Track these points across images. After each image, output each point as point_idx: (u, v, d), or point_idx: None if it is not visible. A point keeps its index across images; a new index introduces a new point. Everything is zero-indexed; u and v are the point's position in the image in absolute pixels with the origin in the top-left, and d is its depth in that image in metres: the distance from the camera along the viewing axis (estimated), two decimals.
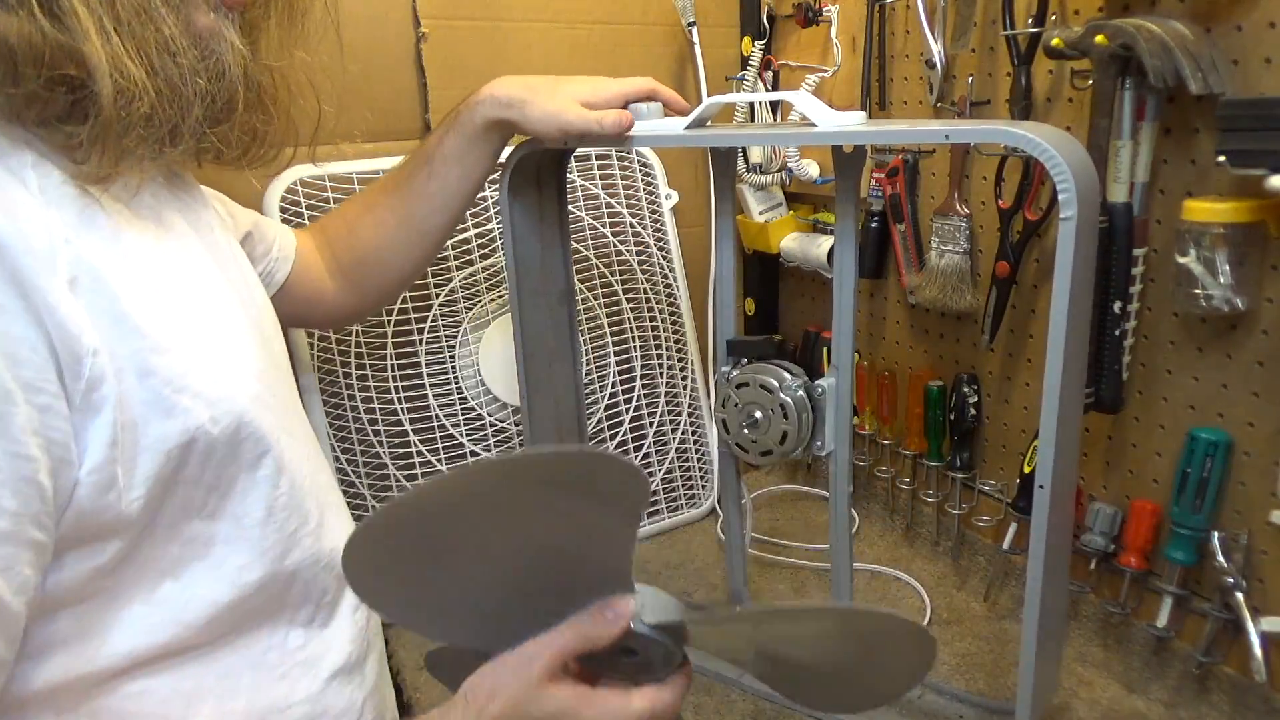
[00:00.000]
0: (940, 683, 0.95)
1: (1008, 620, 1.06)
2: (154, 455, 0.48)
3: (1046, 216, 0.96)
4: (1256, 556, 0.83)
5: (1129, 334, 0.88)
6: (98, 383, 0.44)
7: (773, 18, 1.33)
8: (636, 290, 1.29)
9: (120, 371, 0.46)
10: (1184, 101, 0.81)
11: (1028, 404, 1.06)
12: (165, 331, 0.49)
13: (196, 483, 0.51)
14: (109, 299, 0.46)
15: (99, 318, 0.45)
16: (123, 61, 0.47)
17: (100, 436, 0.45)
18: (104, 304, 0.46)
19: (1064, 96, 0.93)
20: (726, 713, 0.93)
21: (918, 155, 1.13)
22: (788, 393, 0.87)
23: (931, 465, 1.16)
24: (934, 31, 1.03)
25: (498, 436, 1.18)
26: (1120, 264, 0.85)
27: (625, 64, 1.33)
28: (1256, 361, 0.81)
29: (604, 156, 1.27)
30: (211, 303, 0.56)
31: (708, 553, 1.25)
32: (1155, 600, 0.90)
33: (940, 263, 1.08)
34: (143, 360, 0.47)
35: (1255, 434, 0.82)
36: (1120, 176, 0.84)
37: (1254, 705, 0.84)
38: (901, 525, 1.26)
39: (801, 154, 1.28)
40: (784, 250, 1.33)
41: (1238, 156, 0.73)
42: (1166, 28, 0.77)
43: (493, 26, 1.22)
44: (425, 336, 1.14)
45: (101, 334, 0.45)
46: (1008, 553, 1.05)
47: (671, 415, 1.32)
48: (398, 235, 0.87)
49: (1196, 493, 0.84)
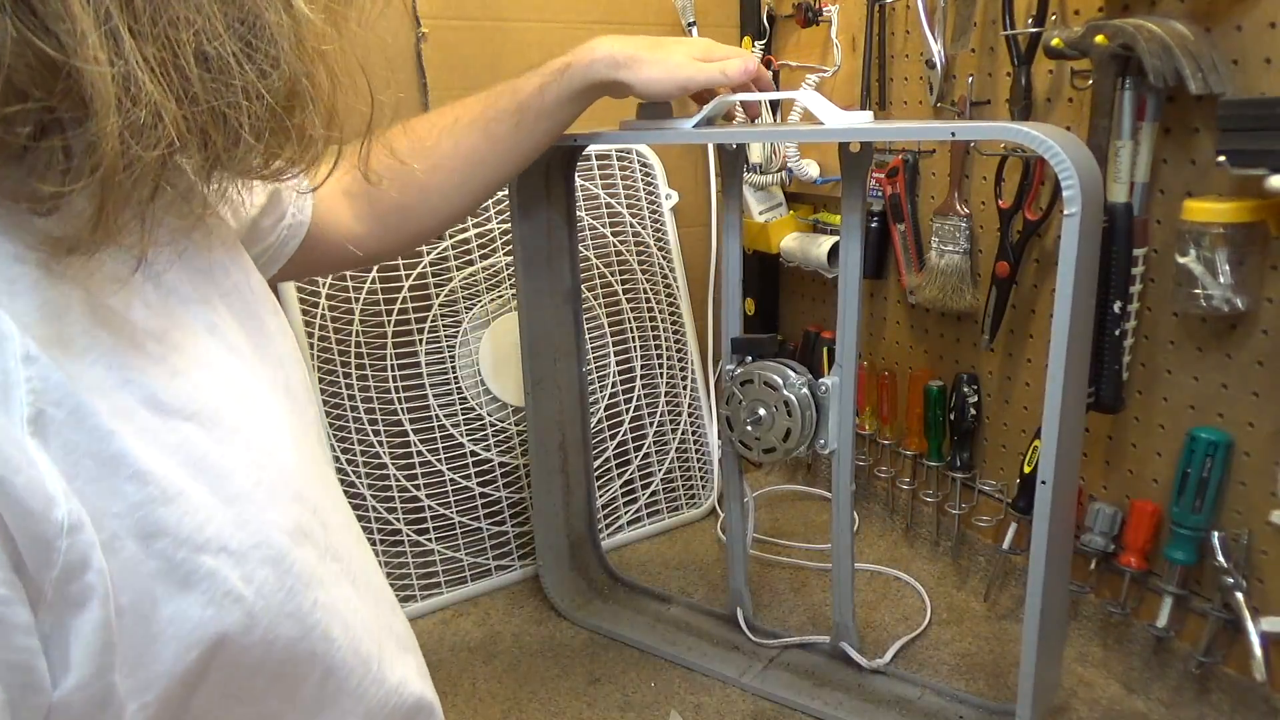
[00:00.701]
0: (940, 683, 0.95)
1: (1008, 620, 1.06)
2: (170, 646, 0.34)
3: (1046, 216, 0.96)
4: (1256, 556, 0.83)
5: (1129, 334, 0.88)
6: (79, 569, 0.30)
7: (773, 18, 1.33)
8: (636, 290, 1.29)
9: (114, 540, 0.32)
10: (1184, 101, 0.81)
11: (1028, 404, 1.06)
12: (176, 467, 0.34)
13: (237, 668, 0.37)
14: (94, 437, 0.32)
15: (78, 467, 0.31)
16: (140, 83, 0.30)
17: (86, 642, 0.31)
18: (86, 445, 0.31)
19: (1064, 96, 0.93)
20: (726, 713, 0.93)
21: (918, 155, 1.13)
22: (791, 390, 0.87)
23: (931, 465, 1.16)
24: (934, 31, 1.03)
25: (498, 436, 1.18)
26: (1120, 264, 0.85)
27: None
28: (1256, 361, 0.81)
29: (604, 157, 1.27)
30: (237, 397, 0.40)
31: (708, 552, 1.25)
32: (1155, 600, 0.90)
33: (940, 263, 1.08)
34: (146, 517, 0.33)
35: (1255, 434, 0.82)
36: (1120, 176, 0.84)
37: (1254, 705, 0.84)
38: (901, 525, 1.26)
39: (802, 154, 1.28)
40: (784, 250, 1.33)
41: (1238, 156, 0.73)
42: (1166, 28, 0.77)
43: (493, 26, 1.22)
44: (425, 336, 1.13)
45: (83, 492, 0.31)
46: (1008, 553, 1.05)
47: (671, 415, 1.32)
48: (456, 179, 0.80)
49: (1196, 493, 0.85)
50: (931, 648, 1.02)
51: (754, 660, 1.01)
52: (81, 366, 0.32)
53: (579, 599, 1.13)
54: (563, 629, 1.09)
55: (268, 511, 0.38)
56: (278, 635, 0.37)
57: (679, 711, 0.93)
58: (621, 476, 1.28)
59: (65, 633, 0.31)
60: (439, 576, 1.14)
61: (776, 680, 0.97)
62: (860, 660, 0.97)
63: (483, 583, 1.16)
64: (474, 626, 1.10)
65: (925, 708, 0.92)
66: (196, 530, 0.35)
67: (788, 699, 0.94)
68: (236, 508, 0.36)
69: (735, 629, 1.05)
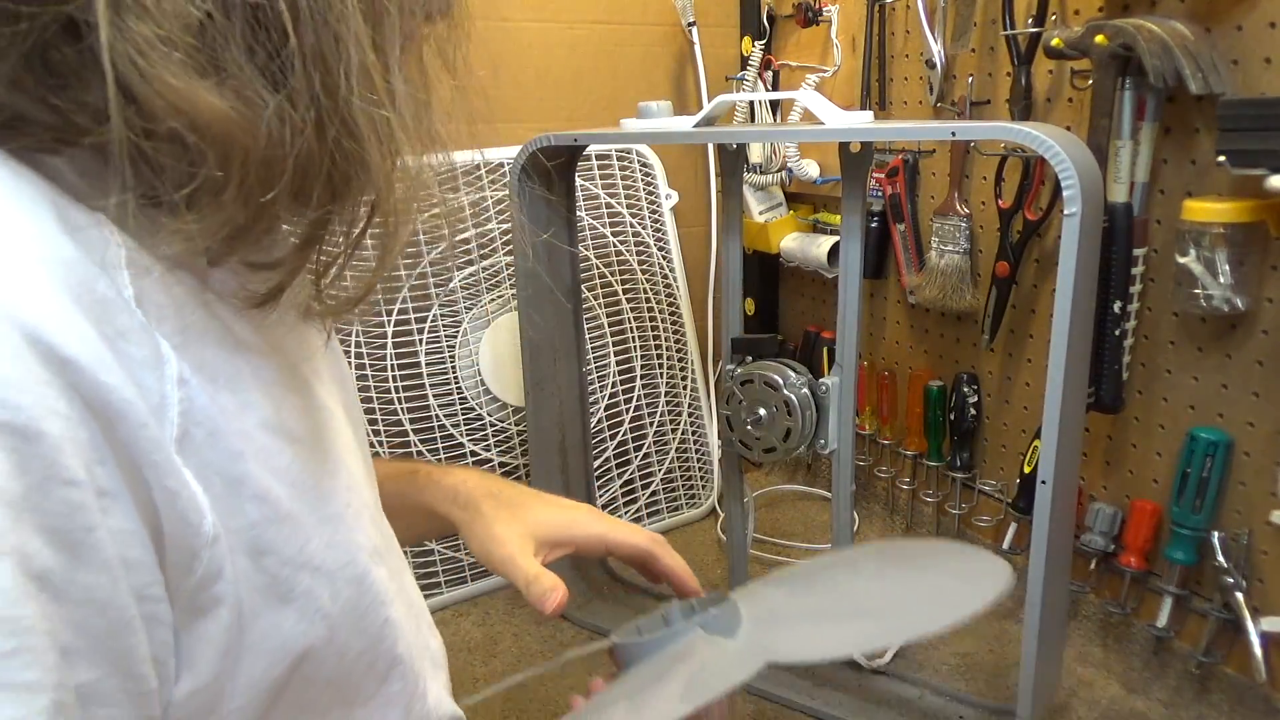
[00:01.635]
0: (940, 683, 0.95)
1: (1008, 620, 1.06)
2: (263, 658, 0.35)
3: (1046, 216, 0.96)
4: (1256, 556, 0.83)
5: (1129, 334, 0.88)
6: (213, 579, 0.32)
7: (773, 18, 1.33)
8: (636, 290, 1.29)
9: (233, 553, 0.33)
10: (1184, 101, 0.81)
11: (1028, 404, 1.06)
12: (286, 488, 0.36)
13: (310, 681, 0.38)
14: (225, 457, 0.33)
15: (209, 484, 0.32)
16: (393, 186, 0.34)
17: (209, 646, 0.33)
18: (217, 464, 0.33)
19: (1064, 96, 0.93)
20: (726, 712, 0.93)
21: (918, 155, 1.13)
22: (792, 390, 0.87)
23: (931, 465, 1.16)
24: (934, 31, 1.03)
25: (498, 436, 1.18)
26: (1120, 264, 0.85)
27: (625, 64, 1.33)
28: (1256, 361, 0.81)
29: (604, 157, 1.27)
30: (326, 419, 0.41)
31: (708, 552, 1.25)
32: (1155, 600, 0.90)
33: (940, 263, 1.08)
34: (260, 535, 0.34)
35: (1255, 434, 0.82)
36: (1120, 176, 0.84)
37: (1254, 705, 0.84)
38: (901, 525, 1.26)
39: (802, 154, 1.28)
40: (784, 250, 1.33)
41: (1238, 156, 0.73)
42: (1166, 28, 0.77)
43: (493, 26, 1.22)
44: (425, 336, 1.13)
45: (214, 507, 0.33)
46: (1008, 552, 1.05)
47: (671, 415, 1.32)
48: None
49: (1196, 493, 0.85)
50: (931, 648, 1.02)
51: None
52: (216, 389, 0.33)
53: (579, 599, 1.13)
54: (563, 629, 1.09)
55: (355, 533, 0.40)
56: (349, 649, 0.39)
57: None
58: (621, 476, 1.28)
59: (191, 636, 0.32)
60: (439, 576, 1.14)
61: (776, 680, 0.97)
62: (860, 660, 0.97)
63: (483, 582, 1.16)
64: (474, 626, 1.10)
65: (925, 708, 0.92)
66: (299, 550, 0.36)
67: (788, 699, 0.94)
68: (330, 528, 0.38)
69: None
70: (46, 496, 0.26)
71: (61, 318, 0.27)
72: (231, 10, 0.28)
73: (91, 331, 0.27)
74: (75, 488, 0.27)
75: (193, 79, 0.28)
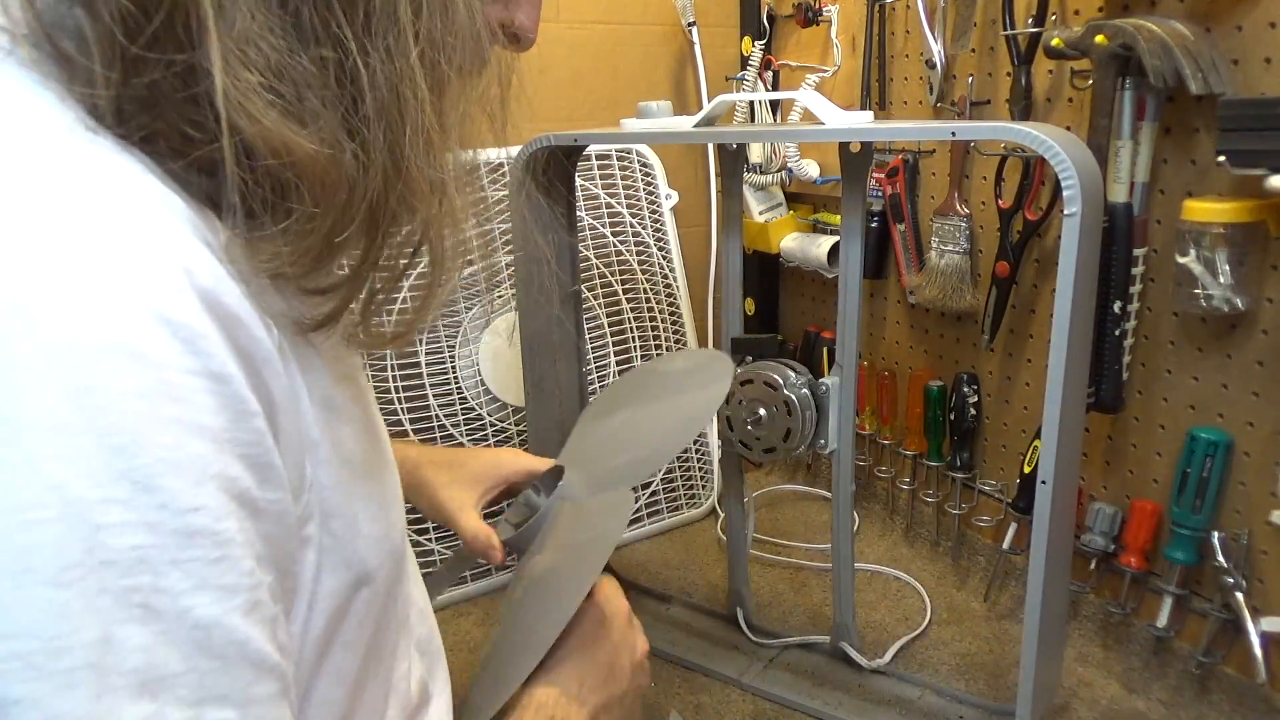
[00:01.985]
0: (940, 683, 0.95)
1: (1008, 620, 1.06)
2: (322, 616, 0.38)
3: (1047, 216, 0.96)
4: (1256, 556, 0.83)
5: (1129, 334, 0.88)
6: (306, 519, 0.36)
7: (773, 18, 1.33)
8: (636, 290, 1.29)
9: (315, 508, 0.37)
10: (1184, 101, 0.81)
11: (1028, 404, 1.06)
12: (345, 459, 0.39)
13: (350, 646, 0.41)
14: (300, 425, 0.36)
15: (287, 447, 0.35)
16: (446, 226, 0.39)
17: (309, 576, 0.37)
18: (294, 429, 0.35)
19: (1064, 96, 0.93)
20: (726, 713, 0.93)
21: (918, 155, 1.13)
22: (792, 390, 0.87)
23: (931, 465, 1.16)
24: (934, 31, 1.03)
25: (498, 436, 1.18)
26: (1120, 264, 0.85)
27: (625, 63, 1.33)
28: (1256, 361, 0.81)
29: (604, 157, 1.27)
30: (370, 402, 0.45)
31: (708, 552, 1.25)
32: (1155, 600, 0.90)
33: (940, 263, 1.08)
34: (328, 500, 0.38)
35: (1255, 434, 0.82)
36: (1120, 176, 0.84)
37: (1254, 705, 0.84)
38: (901, 525, 1.26)
39: (802, 154, 1.28)
40: (784, 250, 1.33)
41: (1238, 156, 0.73)
42: (1166, 28, 0.77)
43: None
44: (425, 336, 1.13)
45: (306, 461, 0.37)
46: (1008, 553, 1.05)
47: None
48: None
49: (1196, 493, 0.85)
50: (931, 648, 1.02)
51: (754, 660, 1.01)
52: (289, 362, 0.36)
53: None
54: None
55: (393, 511, 0.44)
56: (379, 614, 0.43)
57: (679, 711, 0.93)
58: None
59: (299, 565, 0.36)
60: None
61: (776, 680, 0.97)
62: (860, 660, 0.97)
63: (483, 582, 1.16)
64: (474, 626, 1.10)
65: (925, 708, 0.92)
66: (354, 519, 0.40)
67: (788, 699, 0.94)
68: (376, 504, 0.42)
69: (735, 629, 1.05)
70: (241, 428, 0.30)
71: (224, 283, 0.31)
72: (320, 65, 0.32)
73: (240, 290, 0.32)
74: (259, 418, 0.31)
75: (290, 123, 0.32)
